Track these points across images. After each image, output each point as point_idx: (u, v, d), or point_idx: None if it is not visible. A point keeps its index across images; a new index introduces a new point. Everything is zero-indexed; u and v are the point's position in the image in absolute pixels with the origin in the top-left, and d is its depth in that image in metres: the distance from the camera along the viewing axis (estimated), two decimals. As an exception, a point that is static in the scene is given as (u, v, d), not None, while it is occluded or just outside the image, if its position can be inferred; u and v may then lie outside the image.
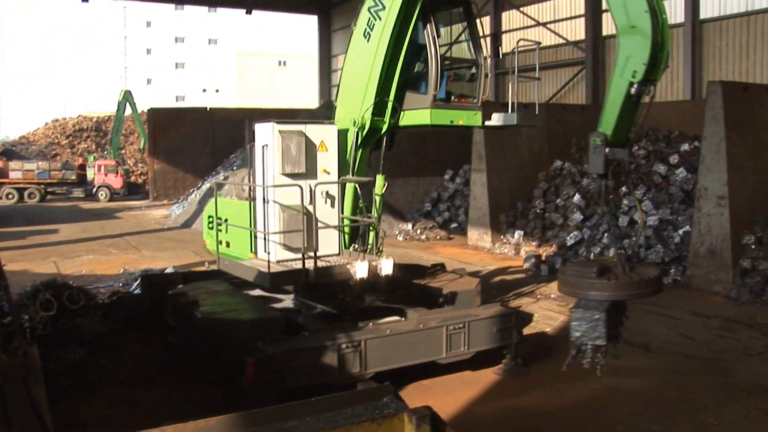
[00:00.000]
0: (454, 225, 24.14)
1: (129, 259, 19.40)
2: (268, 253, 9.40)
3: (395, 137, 10.54)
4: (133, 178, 50.34)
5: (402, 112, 9.99)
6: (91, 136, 61.92)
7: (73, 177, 44.75)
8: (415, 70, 10.13)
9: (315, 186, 9.49)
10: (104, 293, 13.63)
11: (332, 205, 9.75)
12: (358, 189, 9.87)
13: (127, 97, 47.39)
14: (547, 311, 13.29)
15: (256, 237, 9.87)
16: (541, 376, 9.61)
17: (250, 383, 7.76)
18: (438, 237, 22.88)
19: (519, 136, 21.35)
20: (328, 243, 9.77)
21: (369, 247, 10.14)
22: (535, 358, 10.10)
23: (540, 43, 10.56)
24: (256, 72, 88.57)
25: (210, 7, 73.34)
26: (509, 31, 30.99)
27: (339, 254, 9.81)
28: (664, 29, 6.60)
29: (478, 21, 10.63)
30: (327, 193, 9.71)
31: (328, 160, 9.74)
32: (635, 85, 6.72)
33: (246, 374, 7.78)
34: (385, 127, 10.00)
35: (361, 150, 9.96)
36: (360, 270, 9.24)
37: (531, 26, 29.67)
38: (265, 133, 9.43)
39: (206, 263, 12.01)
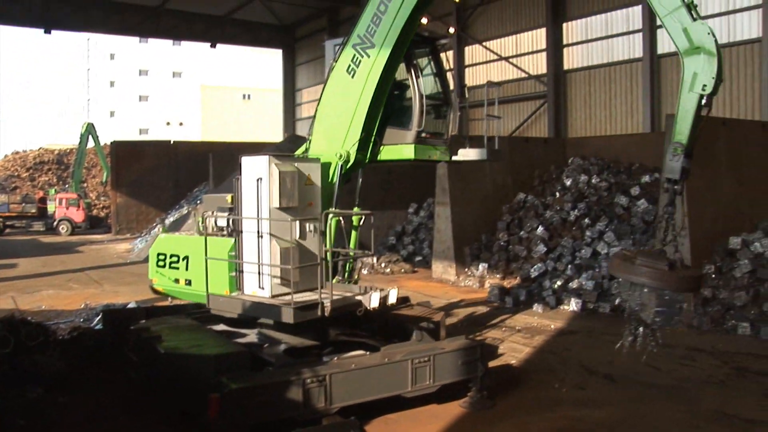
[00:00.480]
0: (418, 258, 24.14)
1: (90, 294, 19.09)
2: (262, 288, 9.36)
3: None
4: (95, 212, 49.73)
5: (382, 147, 10.22)
6: (53, 168, 61.15)
7: (33, 210, 44.15)
8: (397, 106, 10.33)
9: (329, 218, 9.57)
10: (64, 329, 13.39)
11: (318, 238, 9.73)
12: (342, 222, 9.88)
13: (90, 129, 46.96)
14: (512, 343, 13.31)
15: (241, 273, 9.69)
16: (507, 409, 9.59)
17: (214, 419, 7.64)
18: (402, 270, 22.87)
19: (482, 170, 21.52)
20: (311, 276, 9.70)
21: (356, 278, 10.58)
22: (500, 391, 10.08)
23: (500, 85, 10.77)
24: (220, 105, 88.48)
25: (174, 40, 73.20)
26: (472, 65, 31.41)
27: (321, 287, 9.69)
28: (719, 48, 7.61)
29: (443, 56, 10.78)
30: (315, 227, 9.70)
31: (314, 194, 9.77)
32: (705, 98, 7.75)
33: (210, 410, 7.67)
34: (365, 161, 10.12)
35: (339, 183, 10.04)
36: (373, 300, 9.47)
37: (494, 60, 30.09)
38: (259, 167, 9.33)
39: (169, 299, 11.78)
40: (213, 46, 43.51)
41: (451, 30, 10.57)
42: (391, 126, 10.25)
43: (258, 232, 9.40)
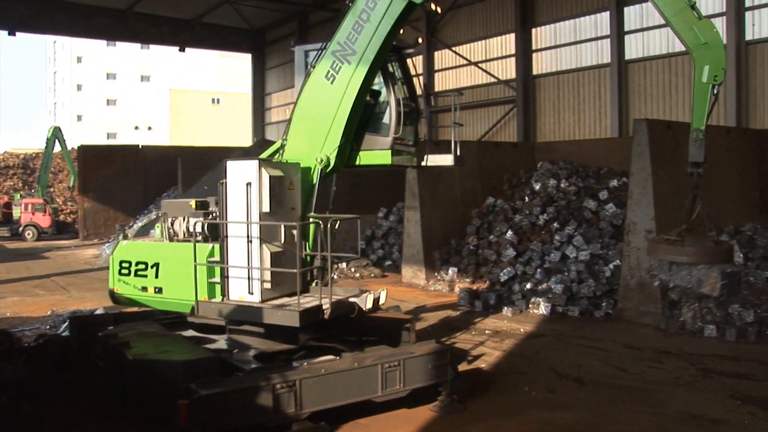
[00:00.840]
0: (388, 263, 24.15)
1: (57, 301, 18.86)
2: (251, 293, 9.29)
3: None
4: (62, 217, 49.11)
5: (359, 152, 10.36)
6: (18, 173, 60.29)
7: (-2, 216, 43.58)
8: (373, 113, 10.45)
9: (333, 222, 9.51)
10: (30, 336, 13.22)
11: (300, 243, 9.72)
12: (321, 226, 9.85)
13: (56, 133, 46.38)
14: (482, 347, 13.34)
15: (227, 278, 9.51)
16: (478, 412, 9.62)
17: (184, 426, 7.58)
18: (372, 275, 22.86)
19: (452, 174, 21.59)
20: (291, 280, 9.60)
21: (333, 280, 10.53)
22: (471, 394, 10.11)
23: (462, 94, 10.91)
24: (189, 109, 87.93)
25: (142, 44, 72.65)
26: (441, 70, 31.50)
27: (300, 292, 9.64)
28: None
29: (410, 63, 10.85)
30: (294, 232, 9.65)
31: (295, 199, 9.78)
32: (716, 87, 8.61)
33: (179, 417, 7.60)
34: (341, 166, 10.20)
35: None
36: (368, 302, 9.71)
37: (463, 65, 30.20)
38: (248, 172, 9.23)
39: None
40: (182, 49, 43.11)
41: (420, 39, 10.66)
42: (369, 132, 10.37)
43: (248, 236, 9.27)
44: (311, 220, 9.83)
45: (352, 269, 22.99)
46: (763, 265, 14.80)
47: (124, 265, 10.61)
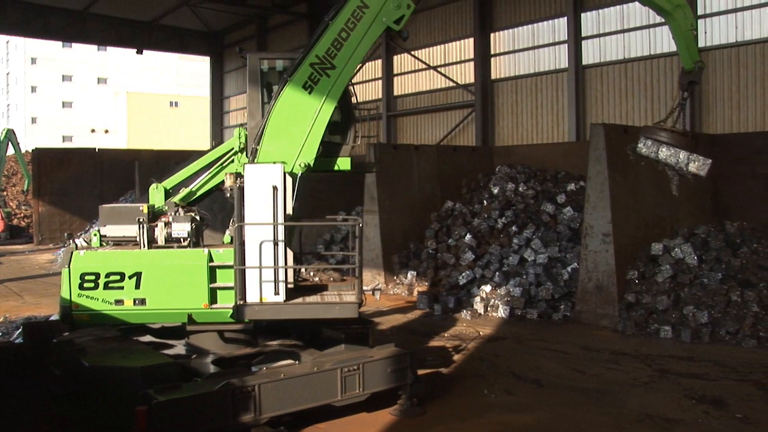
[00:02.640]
0: (347, 266, 24.07)
1: (10, 307, 18.51)
2: (278, 294, 9.27)
3: None
4: (15, 221, 48.24)
5: (330, 158, 10.46)
6: (-30, 177, 59.20)
7: (-51, 220, 42.63)
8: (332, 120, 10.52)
9: (364, 222, 9.71)
10: (-18, 343, 12.95)
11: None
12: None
13: (9, 136, 45.50)
14: (441, 350, 13.38)
15: (244, 280, 9.29)
16: (437, 415, 9.64)
17: (141, 433, 7.47)
18: (331, 279, 22.74)
19: (410, 178, 21.65)
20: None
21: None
22: (430, 398, 10.13)
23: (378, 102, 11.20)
24: (147, 113, 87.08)
25: (99, 46, 71.78)
26: (400, 74, 31.53)
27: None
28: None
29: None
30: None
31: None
32: (695, 31, 11.75)
33: (137, 424, 7.51)
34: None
35: None
36: (376, 295, 9.88)
37: (422, 69, 30.27)
38: (273, 175, 9.34)
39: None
40: (139, 52, 42.55)
41: None
42: (331, 139, 10.47)
43: (274, 239, 9.28)
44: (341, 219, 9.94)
45: (311, 273, 22.87)
46: (716, 267, 15.05)
47: (87, 278, 9.57)
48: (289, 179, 9.63)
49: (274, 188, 9.28)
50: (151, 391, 7.84)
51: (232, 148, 10.83)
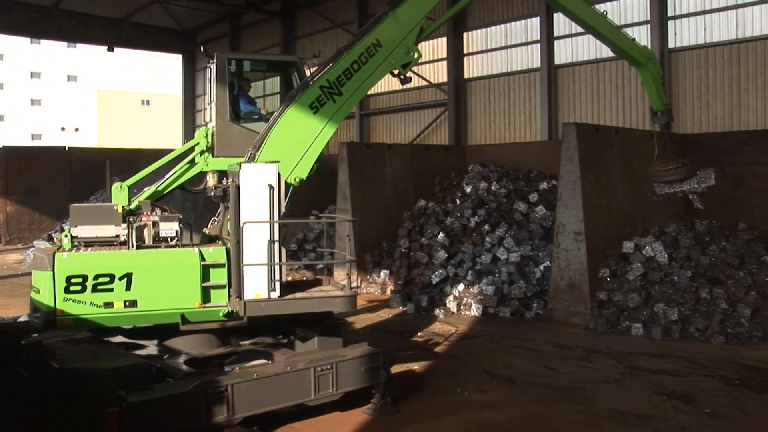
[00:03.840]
0: (320, 266, 24.03)
1: (-22, 307, 18.27)
2: (274, 290, 9.34)
3: None
4: (-17, 221, 47.60)
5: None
6: (-64, 176, 58.21)
7: None
8: None
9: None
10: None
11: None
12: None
13: (-23, 134, 45.00)
14: (414, 349, 13.41)
15: (241, 278, 9.26)
16: (411, 414, 9.66)
17: (113, 434, 7.40)
18: (304, 278, 22.69)
19: (383, 176, 21.64)
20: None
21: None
22: (404, 396, 10.16)
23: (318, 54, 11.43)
24: (118, 111, 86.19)
25: (69, 42, 71.02)
26: (374, 72, 31.45)
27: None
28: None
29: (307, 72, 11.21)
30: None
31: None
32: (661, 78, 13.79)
33: (108, 425, 7.45)
34: None
35: None
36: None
37: (395, 69, 30.22)
38: (268, 175, 9.40)
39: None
40: (110, 49, 41.99)
41: (319, 51, 11.42)
42: None
43: (270, 237, 9.35)
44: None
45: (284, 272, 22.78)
46: (686, 265, 15.21)
47: (74, 281, 9.16)
48: (282, 179, 9.73)
49: (270, 187, 9.33)
50: (123, 393, 7.78)
51: (194, 147, 10.84)
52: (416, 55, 10.99)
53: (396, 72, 11.10)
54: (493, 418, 9.57)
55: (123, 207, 10.21)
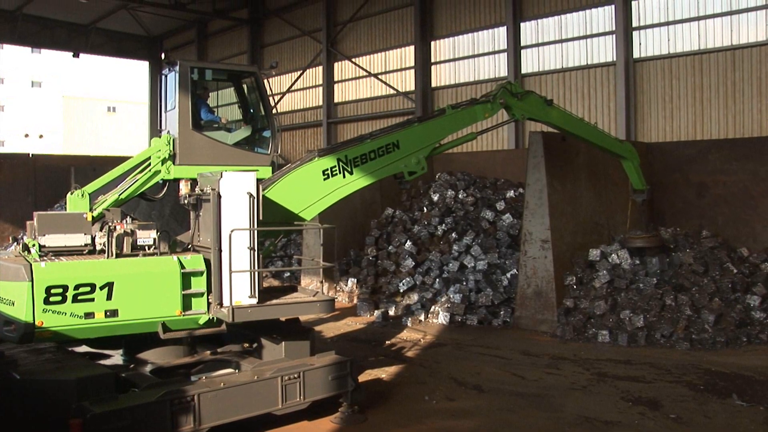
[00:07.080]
0: (287, 274, 23.93)
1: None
2: (254, 296, 9.32)
3: None
4: (-57, 228, 46.82)
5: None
6: None
7: None
8: (257, 132, 11.53)
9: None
10: None
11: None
12: None
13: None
14: (382, 357, 13.38)
15: (230, 285, 9.20)
16: (378, 422, 9.63)
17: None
18: (270, 285, 22.57)
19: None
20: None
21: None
22: (371, 405, 10.13)
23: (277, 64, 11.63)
24: (84, 118, 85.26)
25: (33, 48, 70.06)
26: (341, 81, 31.51)
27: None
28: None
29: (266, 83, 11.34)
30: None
31: None
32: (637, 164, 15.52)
33: (73, 437, 7.30)
34: None
35: None
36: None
37: (363, 77, 30.30)
38: (248, 183, 9.38)
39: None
40: (76, 55, 41.57)
41: (276, 62, 11.68)
42: (256, 150, 11.22)
43: (250, 244, 9.33)
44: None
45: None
46: (651, 272, 15.36)
47: (54, 291, 8.71)
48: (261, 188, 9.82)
49: (250, 195, 9.30)
50: (87, 403, 7.66)
51: (152, 155, 10.70)
52: (423, 169, 11.81)
53: (398, 176, 11.82)
54: (461, 426, 9.58)
55: (91, 215, 10.03)
